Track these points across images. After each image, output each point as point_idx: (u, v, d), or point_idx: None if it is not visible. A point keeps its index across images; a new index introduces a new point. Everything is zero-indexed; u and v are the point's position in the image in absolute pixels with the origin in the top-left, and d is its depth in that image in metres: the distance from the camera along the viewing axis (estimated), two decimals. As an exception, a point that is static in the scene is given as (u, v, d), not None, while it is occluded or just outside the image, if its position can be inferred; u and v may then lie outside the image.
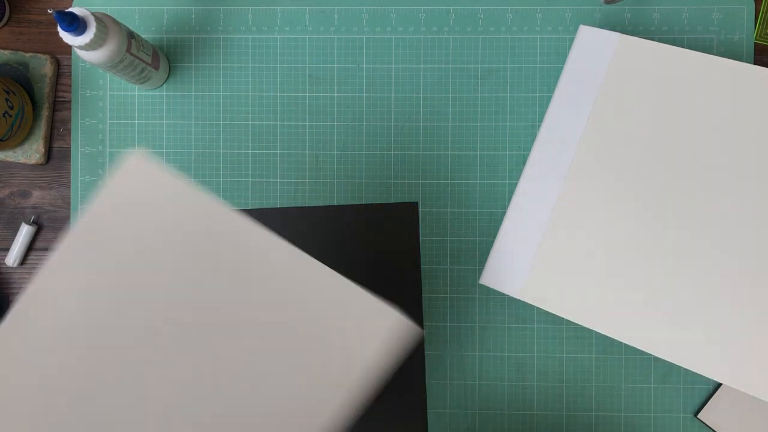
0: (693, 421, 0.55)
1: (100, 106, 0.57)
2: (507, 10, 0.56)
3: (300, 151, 0.57)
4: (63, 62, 0.58)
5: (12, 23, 0.58)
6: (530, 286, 0.50)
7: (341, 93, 0.57)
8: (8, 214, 0.57)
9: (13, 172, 0.58)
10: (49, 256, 0.44)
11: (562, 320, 0.55)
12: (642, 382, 0.55)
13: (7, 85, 0.53)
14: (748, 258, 0.46)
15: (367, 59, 0.57)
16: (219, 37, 0.57)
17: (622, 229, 0.48)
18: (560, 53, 0.56)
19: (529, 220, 0.50)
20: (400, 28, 0.57)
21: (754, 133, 0.47)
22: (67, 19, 0.42)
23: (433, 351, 0.55)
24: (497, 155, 0.56)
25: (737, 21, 0.56)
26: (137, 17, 0.57)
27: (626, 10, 0.56)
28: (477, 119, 0.56)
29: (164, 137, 0.57)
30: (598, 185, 0.49)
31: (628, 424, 0.55)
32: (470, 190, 0.56)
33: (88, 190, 0.57)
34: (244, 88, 0.57)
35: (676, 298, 0.47)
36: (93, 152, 0.57)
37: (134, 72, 0.51)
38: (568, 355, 0.55)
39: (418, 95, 0.56)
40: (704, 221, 0.47)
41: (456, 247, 0.56)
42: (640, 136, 0.49)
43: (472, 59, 0.56)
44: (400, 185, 0.56)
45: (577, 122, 0.50)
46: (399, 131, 0.57)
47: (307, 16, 0.57)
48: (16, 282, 0.57)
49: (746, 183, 0.47)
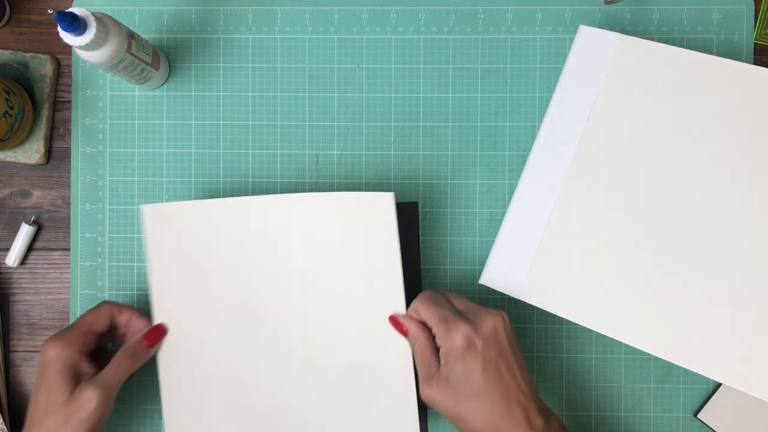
0: (693, 421, 0.55)
1: (100, 106, 0.57)
2: (507, 10, 0.56)
3: (300, 151, 0.57)
4: (63, 62, 0.58)
5: (12, 23, 0.58)
6: (530, 286, 0.50)
7: (341, 93, 0.57)
8: (8, 214, 0.57)
9: (13, 172, 0.58)
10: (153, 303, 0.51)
11: (562, 320, 0.55)
12: (642, 382, 0.55)
13: (7, 85, 0.53)
14: (748, 258, 0.46)
15: (367, 59, 0.57)
16: (219, 37, 0.57)
17: (622, 229, 0.48)
18: (560, 53, 0.56)
19: (529, 220, 0.50)
20: (400, 28, 0.57)
21: (753, 133, 0.47)
22: (67, 19, 0.42)
23: (433, 351, 0.55)
24: (497, 155, 0.56)
25: (737, 21, 0.56)
26: (137, 17, 0.57)
27: (626, 10, 0.56)
28: (477, 119, 0.56)
29: (164, 137, 0.57)
30: (598, 185, 0.49)
31: (628, 424, 0.55)
32: (470, 190, 0.56)
33: (88, 190, 0.57)
34: (244, 88, 0.57)
35: (676, 298, 0.47)
36: (93, 152, 0.57)
37: (134, 72, 0.51)
38: (568, 355, 0.55)
39: (418, 95, 0.56)
40: (704, 221, 0.47)
41: (456, 247, 0.56)
42: (639, 136, 0.49)
43: (472, 59, 0.56)
44: (400, 185, 0.56)
45: (577, 122, 0.50)
46: (399, 131, 0.57)
47: (307, 16, 0.57)
48: (16, 282, 0.57)
49: (746, 183, 0.47)
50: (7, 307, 0.57)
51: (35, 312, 0.57)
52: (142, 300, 0.56)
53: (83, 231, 0.57)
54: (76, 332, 0.47)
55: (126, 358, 0.47)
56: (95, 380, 0.45)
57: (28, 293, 0.57)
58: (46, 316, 0.57)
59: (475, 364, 0.43)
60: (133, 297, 0.56)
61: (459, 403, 0.44)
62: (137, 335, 0.49)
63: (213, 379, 0.51)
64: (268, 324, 0.51)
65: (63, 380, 0.45)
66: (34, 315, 0.57)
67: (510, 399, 0.43)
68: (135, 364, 0.48)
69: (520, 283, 0.50)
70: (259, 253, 0.51)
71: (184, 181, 0.57)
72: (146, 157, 0.57)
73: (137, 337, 0.49)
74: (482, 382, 0.43)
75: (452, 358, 0.44)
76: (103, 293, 0.56)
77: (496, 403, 0.43)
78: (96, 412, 0.44)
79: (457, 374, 0.44)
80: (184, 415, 0.51)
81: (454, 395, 0.44)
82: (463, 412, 0.43)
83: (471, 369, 0.43)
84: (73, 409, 0.44)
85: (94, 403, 0.44)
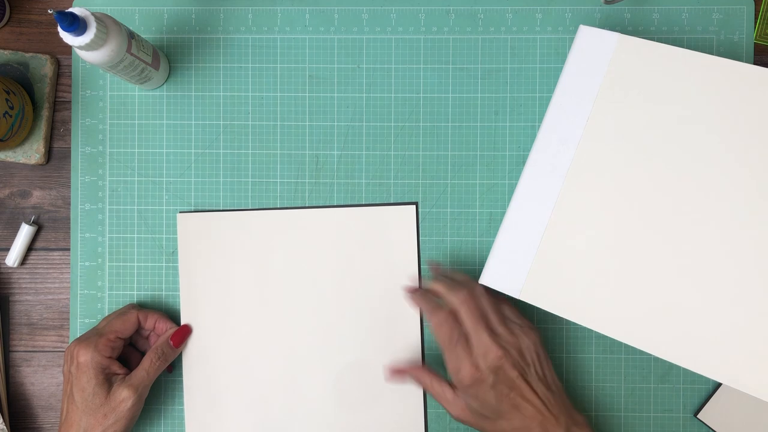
0: (693, 420, 0.55)
1: (100, 106, 0.57)
2: (507, 10, 0.56)
3: (300, 151, 0.57)
4: (63, 62, 0.58)
5: (12, 23, 0.58)
6: (530, 286, 0.50)
7: (341, 93, 0.57)
8: (8, 214, 0.57)
9: (13, 172, 0.58)
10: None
11: (562, 320, 0.55)
12: (642, 382, 0.55)
13: (7, 85, 0.53)
14: (749, 257, 0.46)
15: (367, 59, 0.57)
16: (219, 37, 0.57)
17: (622, 228, 0.48)
18: (560, 53, 0.56)
19: (529, 220, 0.50)
20: (400, 28, 0.57)
21: (754, 133, 0.47)
22: (67, 20, 0.42)
23: (432, 351, 0.55)
24: (497, 155, 0.56)
25: (737, 21, 0.56)
26: (137, 17, 0.57)
27: (626, 10, 0.56)
28: (477, 119, 0.56)
29: (164, 137, 0.57)
30: (598, 185, 0.49)
31: (628, 424, 0.55)
32: (470, 190, 0.56)
33: (88, 190, 0.57)
34: (244, 88, 0.57)
35: (676, 298, 0.47)
36: (93, 152, 0.57)
37: (134, 72, 0.51)
38: (568, 355, 0.55)
39: (418, 95, 0.56)
40: (704, 221, 0.47)
41: (456, 247, 0.56)
42: (639, 136, 0.49)
43: (472, 59, 0.56)
44: (400, 185, 0.56)
45: (577, 122, 0.50)
46: (399, 131, 0.57)
47: (307, 16, 0.57)
48: (16, 282, 0.57)
49: (746, 183, 0.47)
50: (7, 307, 0.57)
51: (35, 312, 0.57)
52: (142, 300, 0.56)
53: (83, 231, 0.57)
54: (106, 339, 0.50)
55: (156, 359, 0.51)
56: (129, 381, 0.50)
57: (28, 293, 0.57)
58: (46, 316, 0.57)
59: (485, 394, 0.46)
60: (133, 297, 0.56)
61: (483, 421, 0.48)
62: (165, 336, 0.53)
63: (232, 381, 0.55)
64: (288, 330, 0.55)
65: (98, 383, 0.49)
66: (34, 315, 0.57)
67: (526, 417, 0.46)
68: (164, 363, 0.52)
69: (520, 283, 0.50)
70: (283, 262, 0.55)
71: (184, 181, 0.57)
72: (146, 157, 0.57)
73: (165, 338, 0.53)
74: (495, 405, 0.46)
75: (462, 389, 0.48)
76: (103, 293, 0.56)
77: (514, 421, 0.46)
78: (132, 410, 0.49)
79: (470, 402, 0.48)
80: (204, 415, 0.55)
81: (475, 416, 0.48)
82: (487, 427, 0.48)
83: (481, 397, 0.47)
84: (111, 408, 0.49)
85: (131, 402, 0.49)
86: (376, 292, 0.55)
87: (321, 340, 0.55)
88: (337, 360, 0.55)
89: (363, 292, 0.55)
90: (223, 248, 0.55)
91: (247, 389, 0.55)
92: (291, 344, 0.55)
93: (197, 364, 0.55)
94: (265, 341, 0.55)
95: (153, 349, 0.52)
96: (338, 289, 0.55)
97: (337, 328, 0.55)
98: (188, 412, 0.55)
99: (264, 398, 0.55)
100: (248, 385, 0.55)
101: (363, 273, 0.55)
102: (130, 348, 0.54)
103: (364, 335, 0.55)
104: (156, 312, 0.54)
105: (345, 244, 0.55)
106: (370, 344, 0.54)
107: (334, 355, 0.55)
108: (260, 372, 0.55)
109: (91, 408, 0.48)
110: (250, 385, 0.55)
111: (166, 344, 0.53)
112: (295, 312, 0.55)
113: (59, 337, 0.57)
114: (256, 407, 0.54)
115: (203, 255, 0.55)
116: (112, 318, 0.52)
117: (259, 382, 0.55)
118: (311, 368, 0.55)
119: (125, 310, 0.53)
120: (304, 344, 0.55)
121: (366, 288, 0.55)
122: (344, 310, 0.55)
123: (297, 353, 0.55)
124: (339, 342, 0.55)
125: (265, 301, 0.55)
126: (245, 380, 0.55)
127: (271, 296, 0.55)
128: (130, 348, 0.54)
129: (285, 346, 0.55)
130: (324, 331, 0.55)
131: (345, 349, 0.55)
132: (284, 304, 0.55)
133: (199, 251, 0.55)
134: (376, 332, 0.55)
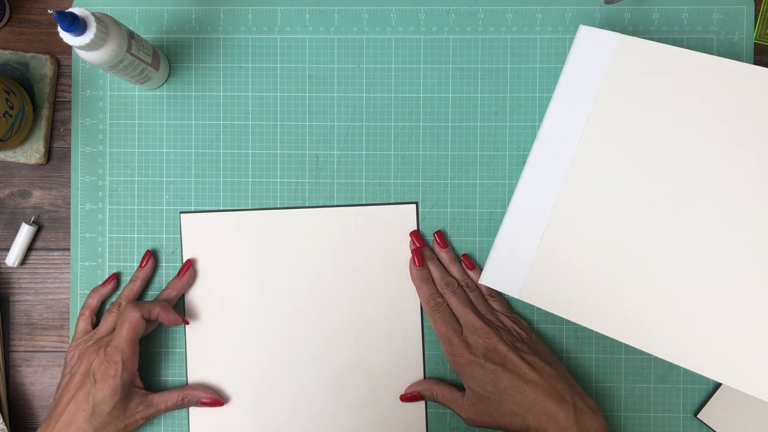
0: (693, 420, 0.55)
1: (100, 106, 0.57)
2: (507, 10, 0.56)
3: (300, 151, 0.57)
4: (63, 62, 0.58)
5: (12, 23, 0.58)
6: (530, 286, 0.50)
7: (341, 93, 0.57)
8: (8, 214, 0.57)
9: (13, 172, 0.58)
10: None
11: (562, 320, 0.55)
12: (642, 382, 0.55)
13: (7, 85, 0.53)
14: (749, 258, 0.46)
15: (367, 59, 0.57)
16: (219, 37, 0.57)
17: (622, 228, 0.48)
18: (560, 53, 0.56)
19: (529, 220, 0.50)
20: (400, 28, 0.57)
21: (753, 133, 0.47)
22: (67, 20, 0.42)
23: (432, 351, 0.55)
24: (497, 155, 0.56)
25: (737, 21, 0.56)
26: (137, 17, 0.57)
27: (626, 10, 0.56)
28: (477, 119, 0.56)
29: (164, 137, 0.57)
30: (598, 185, 0.49)
31: (628, 424, 0.55)
32: (470, 190, 0.56)
33: (88, 190, 0.57)
34: (244, 88, 0.57)
35: (676, 298, 0.47)
36: (93, 152, 0.57)
37: (134, 72, 0.51)
38: (569, 355, 0.55)
39: (418, 95, 0.56)
40: (704, 221, 0.47)
41: (456, 247, 0.56)
42: (639, 136, 0.49)
43: (472, 59, 0.56)
44: (400, 185, 0.56)
45: (577, 122, 0.50)
46: (399, 131, 0.56)
47: (307, 16, 0.57)
48: (16, 282, 0.57)
49: (746, 183, 0.47)
50: (7, 307, 0.57)
51: (35, 312, 0.57)
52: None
53: (83, 231, 0.57)
54: (131, 353, 0.49)
55: (179, 405, 0.53)
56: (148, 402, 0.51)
57: (28, 293, 0.57)
58: (46, 316, 0.57)
59: (481, 371, 0.48)
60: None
61: (490, 407, 0.49)
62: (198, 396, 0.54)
63: (232, 380, 0.55)
64: (289, 330, 0.55)
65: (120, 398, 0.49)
66: (34, 315, 0.57)
67: (527, 391, 0.47)
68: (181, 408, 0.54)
69: (520, 283, 0.50)
70: (283, 262, 0.56)
71: (184, 181, 0.57)
72: (146, 157, 0.57)
73: (197, 398, 0.54)
74: (494, 381, 0.48)
75: (460, 372, 0.50)
76: (103, 293, 0.56)
77: (517, 397, 0.47)
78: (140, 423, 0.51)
79: (472, 386, 0.49)
80: (207, 414, 0.55)
81: (483, 406, 0.49)
82: (497, 419, 0.48)
83: (478, 377, 0.48)
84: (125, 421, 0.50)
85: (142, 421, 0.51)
86: (376, 291, 0.55)
87: (321, 340, 0.55)
88: (337, 359, 0.55)
89: (363, 291, 0.55)
90: (224, 248, 0.56)
91: (247, 388, 0.55)
92: (291, 344, 0.55)
93: (199, 363, 0.55)
94: (265, 341, 0.55)
95: (183, 393, 0.53)
96: (338, 288, 0.55)
97: (337, 328, 0.55)
98: (191, 410, 0.55)
99: (265, 397, 0.55)
100: (249, 385, 0.55)
101: (363, 273, 0.55)
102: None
103: (364, 335, 0.55)
104: (153, 302, 0.51)
105: (345, 244, 0.55)
106: (370, 344, 0.55)
107: (334, 354, 0.55)
108: (261, 371, 0.55)
109: (107, 420, 0.48)
110: (250, 384, 0.55)
111: (196, 402, 0.53)
112: (295, 311, 0.55)
113: (59, 337, 0.57)
114: (257, 407, 0.55)
115: (205, 255, 0.56)
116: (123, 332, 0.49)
117: (259, 381, 0.55)
118: (312, 368, 0.55)
119: (129, 317, 0.49)
120: (305, 344, 0.55)
121: (366, 288, 0.55)
122: (344, 309, 0.55)
123: (297, 353, 0.55)
124: (339, 342, 0.55)
125: (265, 301, 0.55)
126: (246, 379, 0.55)
127: (271, 296, 0.55)
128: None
129: (285, 345, 0.55)
130: (324, 330, 0.55)
131: (345, 349, 0.55)
132: (284, 303, 0.55)
133: (201, 251, 0.56)
134: (376, 332, 0.55)
